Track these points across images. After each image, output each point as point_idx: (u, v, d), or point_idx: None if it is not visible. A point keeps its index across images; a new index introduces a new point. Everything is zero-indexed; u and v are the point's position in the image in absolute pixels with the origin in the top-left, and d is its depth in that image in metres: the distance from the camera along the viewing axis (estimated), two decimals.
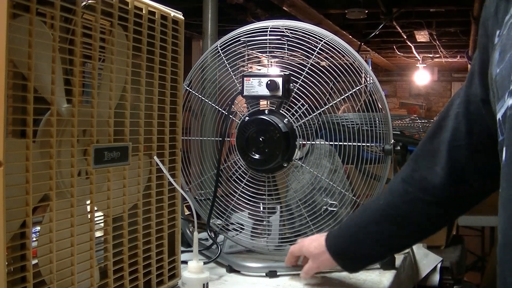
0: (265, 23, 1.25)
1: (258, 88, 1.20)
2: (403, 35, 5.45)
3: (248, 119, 1.22)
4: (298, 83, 1.19)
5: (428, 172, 0.94)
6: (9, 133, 0.70)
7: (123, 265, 0.90)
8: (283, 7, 3.60)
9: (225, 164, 1.27)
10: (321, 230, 1.19)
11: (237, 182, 1.25)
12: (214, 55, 1.29)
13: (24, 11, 0.70)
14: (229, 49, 1.25)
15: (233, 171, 1.25)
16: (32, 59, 0.71)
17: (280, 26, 1.22)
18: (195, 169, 1.31)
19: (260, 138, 1.20)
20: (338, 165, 1.22)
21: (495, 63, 0.73)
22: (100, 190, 0.85)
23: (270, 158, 1.20)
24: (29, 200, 0.72)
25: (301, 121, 1.21)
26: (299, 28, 1.21)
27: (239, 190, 1.25)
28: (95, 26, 0.82)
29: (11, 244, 0.71)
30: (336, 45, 1.18)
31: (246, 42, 1.24)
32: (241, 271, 1.17)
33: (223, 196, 1.27)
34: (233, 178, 1.25)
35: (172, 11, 1.01)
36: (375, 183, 1.20)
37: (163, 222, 1.01)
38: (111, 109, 0.87)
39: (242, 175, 1.25)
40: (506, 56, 0.69)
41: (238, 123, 1.24)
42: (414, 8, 4.22)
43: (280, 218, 1.27)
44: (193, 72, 1.31)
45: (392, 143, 1.17)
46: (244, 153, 1.22)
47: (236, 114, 1.26)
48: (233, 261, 1.19)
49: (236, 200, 1.25)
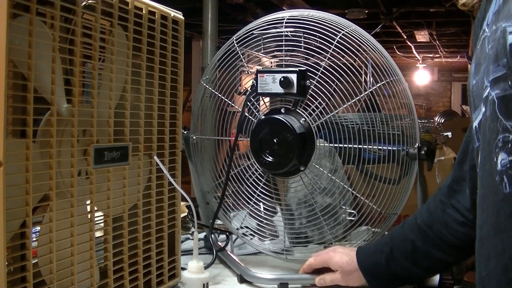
0: (281, 13, 1.15)
1: (272, 85, 1.12)
2: (403, 35, 5.45)
3: (262, 119, 1.14)
4: (315, 79, 1.09)
5: (461, 196, 0.96)
6: (9, 133, 0.70)
7: (123, 265, 0.90)
8: (283, 7, 3.60)
9: (240, 167, 1.20)
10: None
11: (254, 185, 1.18)
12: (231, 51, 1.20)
13: (24, 11, 0.70)
14: (247, 44, 1.17)
15: (249, 174, 1.18)
16: (32, 59, 0.71)
17: (297, 16, 1.12)
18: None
19: (274, 140, 1.11)
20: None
21: (471, 75, 0.78)
22: (100, 190, 0.85)
23: (284, 161, 1.11)
24: (29, 200, 0.72)
25: (319, 121, 1.10)
26: (318, 18, 1.10)
27: (256, 194, 1.18)
28: (95, 26, 0.82)
29: (11, 244, 0.71)
30: (358, 36, 1.07)
31: (262, 35, 1.15)
32: (252, 281, 1.11)
33: (239, 196, 1.21)
34: (249, 180, 1.18)
35: (172, 11, 1.01)
36: (393, 189, 1.12)
37: (163, 222, 1.01)
38: (111, 109, 0.87)
39: (258, 177, 1.18)
40: (481, 68, 0.74)
41: (254, 122, 1.16)
42: (414, 8, 4.22)
43: (290, 221, 1.24)
44: (210, 70, 1.23)
45: (416, 146, 1.06)
46: (258, 156, 1.14)
47: (253, 113, 1.17)
48: (245, 270, 1.12)
49: (253, 202, 1.19)
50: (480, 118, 0.73)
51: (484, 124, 0.71)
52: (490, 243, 0.70)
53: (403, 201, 1.11)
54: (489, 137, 0.69)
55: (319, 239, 1.19)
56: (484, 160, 0.71)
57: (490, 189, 0.69)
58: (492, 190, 0.69)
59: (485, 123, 0.71)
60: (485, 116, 0.71)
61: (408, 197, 1.11)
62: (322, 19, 1.10)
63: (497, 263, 0.68)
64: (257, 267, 1.16)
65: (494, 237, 0.69)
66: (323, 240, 1.19)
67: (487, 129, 0.70)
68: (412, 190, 1.10)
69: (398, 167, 1.10)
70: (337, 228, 1.16)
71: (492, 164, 0.69)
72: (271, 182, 1.18)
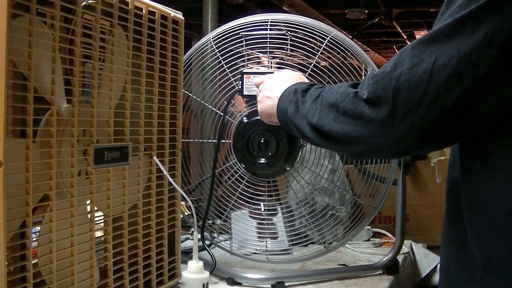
0: (265, 15, 1.16)
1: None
2: (403, 35, 5.44)
3: (250, 120, 1.13)
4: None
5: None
6: (9, 133, 0.70)
7: (123, 265, 0.90)
8: (283, 7, 3.60)
9: (223, 166, 1.19)
10: (321, 230, 1.18)
11: (236, 184, 1.19)
12: (205, 51, 1.19)
13: (24, 11, 0.70)
14: (225, 44, 1.15)
15: (231, 173, 1.18)
16: (32, 59, 0.71)
17: (280, 20, 1.14)
18: (194, 171, 1.26)
19: (261, 140, 1.12)
20: (338, 165, 1.21)
21: None
22: (100, 190, 0.85)
23: (274, 161, 1.13)
24: (29, 200, 0.72)
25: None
26: (302, 23, 1.13)
27: (238, 192, 1.19)
28: (95, 26, 0.82)
29: (11, 244, 0.71)
30: (341, 42, 1.12)
31: (245, 37, 1.15)
32: (244, 283, 1.11)
33: (221, 199, 1.21)
34: (231, 180, 1.18)
35: (172, 11, 1.01)
36: (376, 184, 1.18)
37: (163, 222, 1.00)
38: (111, 109, 0.86)
39: (241, 176, 1.18)
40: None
41: (235, 124, 1.16)
42: (414, 8, 4.21)
43: (283, 220, 1.24)
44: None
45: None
46: (244, 157, 1.15)
47: (234, 115, 1.17)
48: (235, 273, 1.12)
49: (234, 202, 1.19)
50: None
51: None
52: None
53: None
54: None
55: (295, 234, 1.21)
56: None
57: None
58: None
59: None
60: None
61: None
62: (308, 24, 1.13)
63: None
64: (248, 269, 1.16)
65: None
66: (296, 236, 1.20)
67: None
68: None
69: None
70: (315, 220, 1.18)
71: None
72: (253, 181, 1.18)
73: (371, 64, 1.12)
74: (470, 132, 0.69)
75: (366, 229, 1.47)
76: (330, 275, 1.16)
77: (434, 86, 0.65)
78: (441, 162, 1.68)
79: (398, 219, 1.18)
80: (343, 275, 1.17)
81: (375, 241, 1.47)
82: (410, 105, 0.67)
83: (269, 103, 0.99)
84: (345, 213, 1.22)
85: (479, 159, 0.69)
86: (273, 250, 1.20)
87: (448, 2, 0.68)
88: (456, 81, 0.64)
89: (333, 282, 1.14)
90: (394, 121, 0.68)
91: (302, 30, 1.13)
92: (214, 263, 1.14)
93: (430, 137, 0.69)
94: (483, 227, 0.68)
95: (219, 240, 1.22)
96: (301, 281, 1.13)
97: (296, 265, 1.22)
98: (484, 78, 0.64)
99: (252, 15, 1.18)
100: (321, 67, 1.13)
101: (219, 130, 1.16)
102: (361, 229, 1.18)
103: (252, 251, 1.21)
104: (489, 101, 0.65)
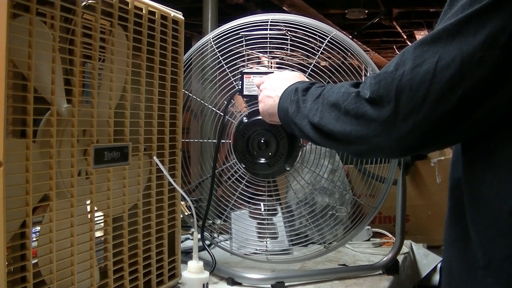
0: (265, 15, 1.16)
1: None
2: (403, 35, 5.44)
3: (250, 120, 1.13)
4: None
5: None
6: (9, 133, 0.70)
7: (123, 265, 0.90)
8: (283, 7, 3.60)
9: (223, 166, 1.19)
10: (321, 230, 1.18)
11: (236, 184, 1.18)
12: (205, 51, 1.19)
13: (24, 11, 0.70)
14: (225, 44, 1.16)
15: (231, 173, 1.19)
16: (32, 59, 0.71)
17: (280, 20, 1.14)
18: (194, 171, 1.26)
19: (262, 140, 1.12)
20: (338, 165, 1.21)
21: None
22: (100, 190, 0.85)
23: (274, 161, 1.13)
24: (29, 200, 0.72)
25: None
26: (302, 23, 1.13)
27: (235, 197, 1.18)
28: (95, 26, 0.82)
29: (11, 244, 0.71)
30: (341, 42, 1.12)
31: (245, 37, 1.15)
32: (244, 283, 1.11)
33: (221, 199, 1.22)
34: (231, 180, 1.18)
35: (172, 11, 1.01)
36: (376, 184, 1.18)
37: (163, 222, 1.00)
38: (111, 109, 0.86)
39: (241, 176, 1.18)
40: None
41: (235, 124, 1.16)
42: (414, 8, 4.21)
43: (283, 220, 1.24)
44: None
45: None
46: (244, 157, 1.15)
47: (234, 115, 1.17)
48: (235, 273, 1.12)
49: (234, 202, 1.19)
50: None
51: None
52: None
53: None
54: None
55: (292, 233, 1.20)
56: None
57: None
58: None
59: None
60: None
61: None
62: (309, 24, 1.13)
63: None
64: (248, 269, 1.15)
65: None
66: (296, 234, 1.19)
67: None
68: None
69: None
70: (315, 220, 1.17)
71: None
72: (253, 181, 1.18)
73: (371, 64, 1.12)
74: (472, 132, 0.69)
75: (366, 229, 1.47)
76: (330, 275, 1.16)
77: (437, 86, 0.65)
78: (441, 162, 1.68)
79: (398, 219, 1.18)
80: (343, 275, 1.17)
81: (375, 241, 1.47)
82: (412, 105, 0.67)
83: (270, 102, 0.99)
84: (345, 213, 1.23)
85: (481, 158, 0.69)
86: (273, 250, 1.20)
87: (451, 2, 0.68)
88: (459, 81, 0.64)
89: (333, 282, 1.14)
90: (397, 121, 0.68)
91: (302, 30, 1.14)
92: (214, 263, 1.14)
93: (433, 137, 0.69)
94: (486, 227, 0.68)
95: (219, 240, 1.22)
96: (301, 281, 1.13)
97: (296, 265, 1.22)
98: (487, 78, 0.64)
99: (252, 15, 1.18)
100: (321, 67, 1.13)
101: (219, 130, 1.16)
102: (361, 229, 1.18)
103: (252, 251, 1.21)
104: (492, 101, 0.65)
